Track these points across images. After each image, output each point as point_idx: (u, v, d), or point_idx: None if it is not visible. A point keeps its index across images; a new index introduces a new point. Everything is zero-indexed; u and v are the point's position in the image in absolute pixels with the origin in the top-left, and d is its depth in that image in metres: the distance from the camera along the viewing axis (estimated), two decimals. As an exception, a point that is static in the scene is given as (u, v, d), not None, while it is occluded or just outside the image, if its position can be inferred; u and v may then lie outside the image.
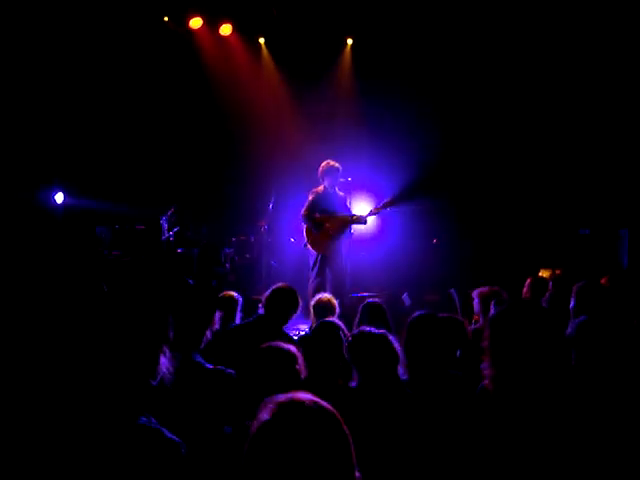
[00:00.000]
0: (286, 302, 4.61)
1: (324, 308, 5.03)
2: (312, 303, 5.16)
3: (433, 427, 2.81)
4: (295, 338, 4.69)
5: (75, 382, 1.71)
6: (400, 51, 9.71)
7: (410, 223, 9.39)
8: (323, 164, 7.82)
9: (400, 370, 3.16)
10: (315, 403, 1.47)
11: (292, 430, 1.41)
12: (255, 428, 1.44)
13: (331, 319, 3.89)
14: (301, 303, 4.76)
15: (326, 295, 5.28)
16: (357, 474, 1.46)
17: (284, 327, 4.69)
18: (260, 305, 4.73)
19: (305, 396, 1.48)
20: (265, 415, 1.46)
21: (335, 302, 5.11)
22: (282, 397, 1.49)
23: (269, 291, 4.69)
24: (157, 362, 2.09)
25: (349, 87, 10.57)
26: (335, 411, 1.47)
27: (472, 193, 9.61)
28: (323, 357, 3.35)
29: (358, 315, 4.73)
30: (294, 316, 4.71)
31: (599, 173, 8.94)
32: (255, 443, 1.43)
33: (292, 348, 2.49)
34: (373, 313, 4.65)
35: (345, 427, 1.46)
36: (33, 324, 3.09)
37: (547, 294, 5.33)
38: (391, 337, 3.10)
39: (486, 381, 2.41)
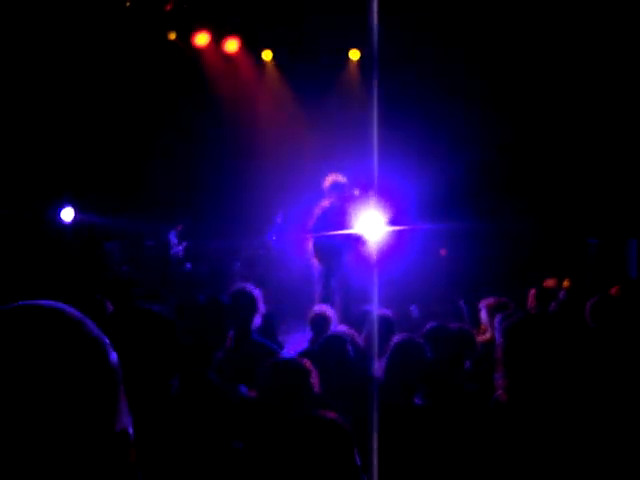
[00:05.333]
0: (243, 306, 4.06)
1: (319, 320, 4.99)
2: (309, 316, 5.09)
3: (447, 439, 2.80)
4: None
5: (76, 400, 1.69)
6: (407, 60, 9.71)
7: (417, 235, 9.37)
8: (328, 178, 7.74)
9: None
10: (329, 419, 1.49)
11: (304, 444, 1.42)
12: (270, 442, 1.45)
13: (338, 332, 3.86)
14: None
15: (322, 307, 5.24)
16: None
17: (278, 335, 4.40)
18: None
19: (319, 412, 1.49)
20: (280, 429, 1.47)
21: (331, 314, 5.06)
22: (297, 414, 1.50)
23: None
24: (169, 384, 2.08)
25: (356, 99, 10.60)
26: (348, 428, 1.48)
27: (479, 202, 9.59)
28: (332, 372, 3.30)
29: (365, 327, 4.71)
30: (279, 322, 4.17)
31: (608, 182, 8.91)
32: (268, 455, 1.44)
33: (306, 362, 2.48)
34: (381, 325, 4.63)
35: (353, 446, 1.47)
36: (39, 339, 3.08)
37: (553, 304, 5.28)
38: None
39: (499, 391, 2.41)
